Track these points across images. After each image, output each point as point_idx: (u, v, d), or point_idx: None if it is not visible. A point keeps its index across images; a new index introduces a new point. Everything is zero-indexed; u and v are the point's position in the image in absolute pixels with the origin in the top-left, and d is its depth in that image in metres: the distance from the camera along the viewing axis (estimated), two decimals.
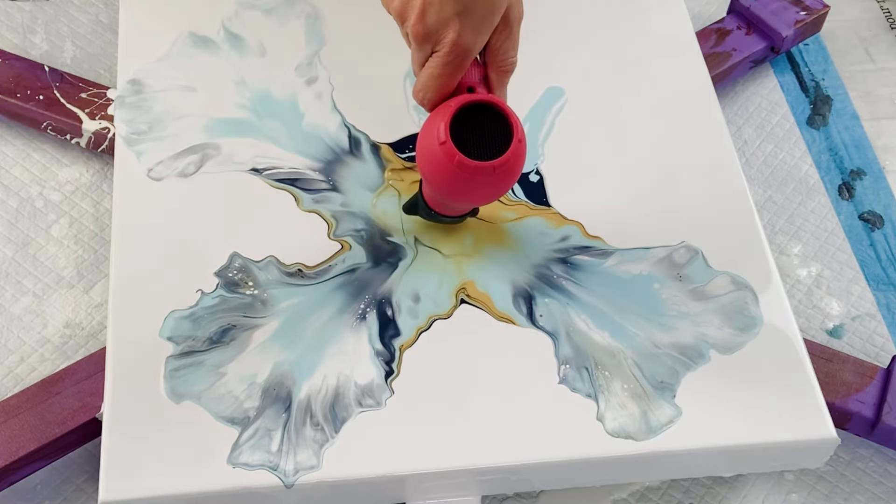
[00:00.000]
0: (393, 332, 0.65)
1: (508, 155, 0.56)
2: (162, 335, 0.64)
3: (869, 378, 0.68)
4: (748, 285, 0.67)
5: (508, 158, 0.56)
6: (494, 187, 0.59)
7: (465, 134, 0.56)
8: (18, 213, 0.78)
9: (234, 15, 0.80)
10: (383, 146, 0.73)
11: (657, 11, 0.82)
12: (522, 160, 0.58)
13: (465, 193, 0.59)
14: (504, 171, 0.57)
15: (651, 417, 0.62)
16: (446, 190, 0.59)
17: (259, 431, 0.61)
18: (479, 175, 0.56)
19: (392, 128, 0.75)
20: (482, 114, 0.57)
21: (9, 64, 0.81)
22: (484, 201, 0.64)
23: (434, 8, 0.55)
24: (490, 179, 0.57)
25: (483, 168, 0.56)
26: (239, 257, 0.67)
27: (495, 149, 0.57)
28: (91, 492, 0.67)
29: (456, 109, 0.56)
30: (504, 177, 0.58)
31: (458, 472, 0.61)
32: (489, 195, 0.61)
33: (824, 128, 0.87)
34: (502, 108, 0.57)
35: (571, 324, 0.66)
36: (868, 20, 0.95)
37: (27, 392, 0.65)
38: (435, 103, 0.58)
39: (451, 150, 0.56)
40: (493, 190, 0.59)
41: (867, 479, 0.69)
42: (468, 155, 0.56)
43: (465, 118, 0.57)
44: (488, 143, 0.57)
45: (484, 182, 0.57)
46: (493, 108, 0.57)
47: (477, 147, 0.56)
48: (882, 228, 0.81)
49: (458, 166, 0.56)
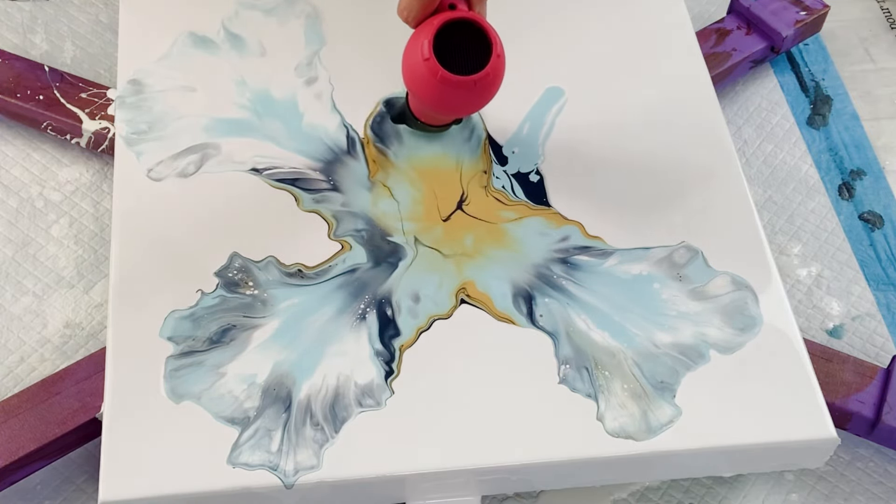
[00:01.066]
0: (393, 332, 0.65)
1: (488, 69, 0.61)
2: (162, 335, 0.64)
3: (869, 378, 0.68)
4: (748, 285, 0.67)
5: (488, 73, 0.61)
6: (476, 100, 0.63)
7: (447, 49, 0.61)
8: (18, 213, 0.78)
9: (234, 15, 0.80)
10: (365, 141, 0.74)
11: (657, 11, 0.82)
12: (501, 74, 0.62)
13: (449, 106, 0.64)
14: (484, 84, 0.61)
15: (651, 417, 0.62)
16: (430, 103, 0.64)
17: (259, 431, 0.61)
18: (460, 88, 0.61)
19: None
20: (463, 30, 0.61)
21: (9, 64, 0.81)
22: (467, 112, 0.69)
23: None
24: (471, 93, 0.62)
25: (464, 82, 0.61)
26: (239, 257, 0.68)
27: (476, 63, 0.61)
28: (91, 492, 0.67)
29: (438, 27, 0.60)
30: (484, 90, 0.62)
31: (458, 472, 0.61)
32: (471, 107, 0.65)
33: (824, 128, 0.87)
34: (481, 25, 0.61)
35: (571, 324, 0.66)
36: (868, 20, 0.95)
37: (27, 392, 0.65)
38: (419, 21, 0.62)
39: (435, 66, 0.60)
40: (474, 102, 0.64)
41: (867, 479, 0.69)
42: (450, 70, 0.60)
43: (447, 34, 0.61)
44: (469, 57, 0.61)
45: (466, 95, 0.62)
46: (473, 24, 0.61)
47: (459, 62, 0.61)
48: (882, 228, 0.81)
49: (441, 81, 0.61)
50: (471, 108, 0.67)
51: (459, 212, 0.71)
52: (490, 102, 0.73)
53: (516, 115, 0.76)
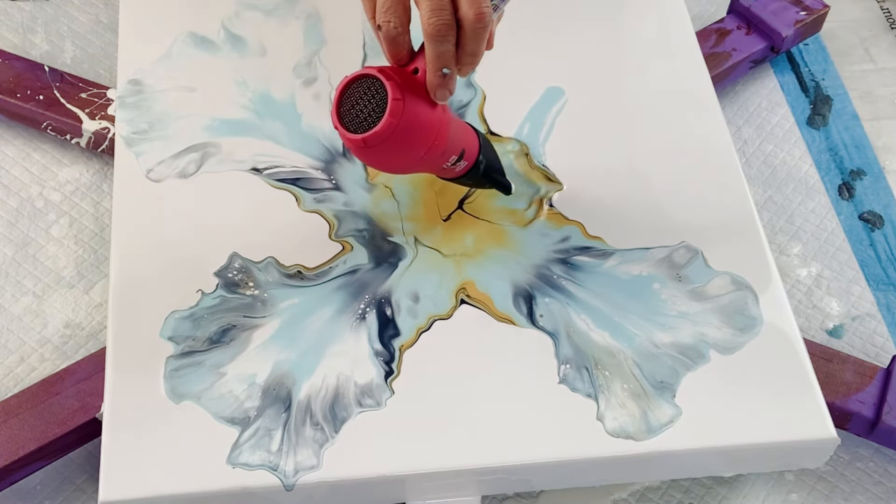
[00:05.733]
0: (392, 332, 0.65)
1: (379, 129, 0.57)
2: (162, 335, 0.64)
3: (869, 378, 0.68)
4: (748, 285, 0.67)
5: (378, 132, 0.57)
6: (383, 159, 0.60)
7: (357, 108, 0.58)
8: (18, 213, 0.78)
9: (234, 15, 0.80)
10: None
11: (657, 11, 0.82)
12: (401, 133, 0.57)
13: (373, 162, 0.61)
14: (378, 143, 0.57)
15: (651, 417, 0.62)
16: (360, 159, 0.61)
17: (259, 431, 0.61)
18: (354, 147, 0.58)
19: None
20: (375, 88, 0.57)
21: (9, 64, 0.81)
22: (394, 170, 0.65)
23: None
24: (366, 152, 0.58)
25: (354, 141, 0.58)
26: (239, 258, 0.67)
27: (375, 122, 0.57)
28: (91, 492, 0.67)
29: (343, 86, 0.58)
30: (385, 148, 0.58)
31: (458, 472, 0.61)
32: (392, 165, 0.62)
33: (824, 128, 0.87)
34: (382, 81, 0.57)
35: (572, 324, 0.66)
36: (868, 20, 0.95)
37: (27, 392, 0.65)
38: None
39: (336, 123, 0.58)
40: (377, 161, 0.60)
41: (867, 479, 0.69)
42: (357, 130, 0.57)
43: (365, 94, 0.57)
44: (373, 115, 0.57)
45: (367, 154, 0.59)
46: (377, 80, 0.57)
47: (365, 120, 0.57)
48: (882, 228, 0.81)
49: (342, 136, 0.58)
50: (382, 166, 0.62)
51: (460, 211, 0.71)
52: (490, 102, 0.73)
53: (516, 115, 0.76)
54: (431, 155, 0.60)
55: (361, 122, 0.57)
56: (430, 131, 0.59)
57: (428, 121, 0.58)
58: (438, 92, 0.57)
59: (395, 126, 0.57)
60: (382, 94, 0.57)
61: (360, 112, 0.57)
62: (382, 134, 0.57)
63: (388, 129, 0.57)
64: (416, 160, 0.60)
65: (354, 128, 0.58)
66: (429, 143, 0.59)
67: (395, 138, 0.57)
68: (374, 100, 0.57)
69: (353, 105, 0.58)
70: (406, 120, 0.57)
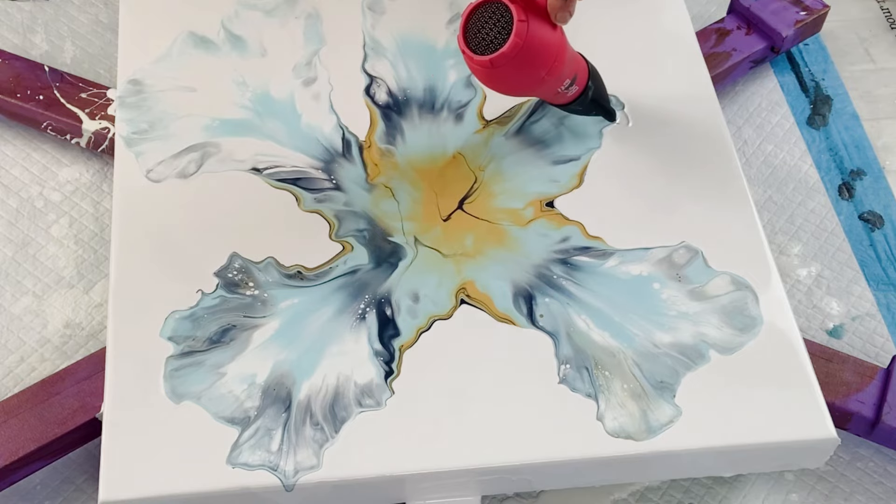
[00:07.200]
0: (392, 332, 0.65)
1: (505, 49, 0.60)
2: (162, 335, 0.64)
3: (869, 378, 0.68)
4: (748, 285, 0.67)
5: (505, 52, 0.60)
6: (508, 79, 0.63)
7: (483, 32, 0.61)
8: (18, 213, 0.78)
9: (234, 15, 0.80)
10: (366, 144, 0.74)
11: (657, 12, 0.82)
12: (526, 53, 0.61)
13: (495, 85, 0.64)
14: (504, 63, 0.61)
15: (651, 417, 0.62)
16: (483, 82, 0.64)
17: (259, 431, 0.61)
18: (481, 68, 0.62)
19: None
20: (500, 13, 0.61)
21: (9, 64, 0.81)
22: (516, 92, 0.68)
23: None
24: (492, 73, 0.62)
25: (481, 62, 0.61)
26: (238, 258, 0.67)
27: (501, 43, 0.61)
28: (91, 492, 0.67)
29: (469, 11, 0.61)
30: (510, 69, 0.61)
31: (458, 472, 0.61)
32: (513, 87, 0.65)
33: (824, 128, 0.87)
34: (507, 4, 0.60)
35: (572, 324, 0.66)
36: (868, 20, 0.95)
37: (27, 392, 0.65)
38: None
39: (463, 47, 0.62)
40: (502, 81, 0.64)
41: (867, 479, 0.69)
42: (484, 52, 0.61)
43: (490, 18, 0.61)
44: (499, 38, 0.61)
45: (492, 75, 0.62)
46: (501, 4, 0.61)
47: (491, 43, 0.61)
48: (882, 228, 0.81)
49: (468, 60, 0.62)
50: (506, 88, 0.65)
51: (460, 211, 0.71)
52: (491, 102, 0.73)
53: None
54: (552, 76, 0.64)
55: (488, 45, 0.61)
56: (551, 52, 0.63)
57: (549, 42, 0.62)
58: (559, 14, 0.62)
59: (521, 46, 0.60)
60: (507, 18, 0.60)
61: (486, 35, 0.61)
62: (509, 54, 0.60)
63: (514, 49, 0.60)
64: (538, 80, 0.63)
65: (481, 50, 0.61)
66: (549, 63, 0.63)
67: (519, 58, 0.61)
68: (500, 23, 0.61)
69: (479, 29, 0.61)
70: (530, 41, 0.61)
